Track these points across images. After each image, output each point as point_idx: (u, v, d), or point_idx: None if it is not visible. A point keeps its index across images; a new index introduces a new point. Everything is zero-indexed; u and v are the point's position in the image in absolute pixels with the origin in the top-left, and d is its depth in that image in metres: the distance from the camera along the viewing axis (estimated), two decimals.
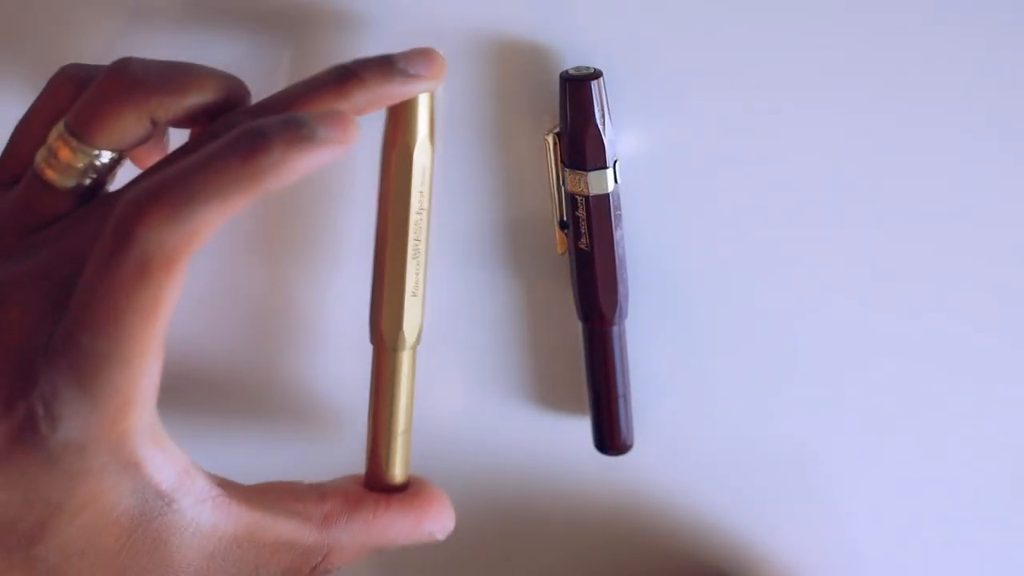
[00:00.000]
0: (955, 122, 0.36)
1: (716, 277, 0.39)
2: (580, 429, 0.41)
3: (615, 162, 0.36)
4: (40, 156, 0.34)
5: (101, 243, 0.31)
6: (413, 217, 0.35)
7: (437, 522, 0.37)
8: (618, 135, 0.37)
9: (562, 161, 0.36)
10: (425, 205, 0.35)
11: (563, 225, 0.38)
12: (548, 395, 0.41)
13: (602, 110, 0.35)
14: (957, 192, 0.37)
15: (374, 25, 0.36)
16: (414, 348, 0.36)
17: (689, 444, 0.42)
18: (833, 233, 0.38)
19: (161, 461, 0.31)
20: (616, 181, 0.36)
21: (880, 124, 0.37)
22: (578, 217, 0.36)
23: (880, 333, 0.39)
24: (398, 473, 0.37)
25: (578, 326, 0.39)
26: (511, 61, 0.36)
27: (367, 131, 0.36)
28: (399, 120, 0.34)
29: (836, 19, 0.35)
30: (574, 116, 0.35)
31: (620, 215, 0.37)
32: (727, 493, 0.42)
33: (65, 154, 0.33)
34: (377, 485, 0.37)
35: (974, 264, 0.38)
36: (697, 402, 0.41)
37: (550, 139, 0.36)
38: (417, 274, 0.35)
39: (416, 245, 0.35)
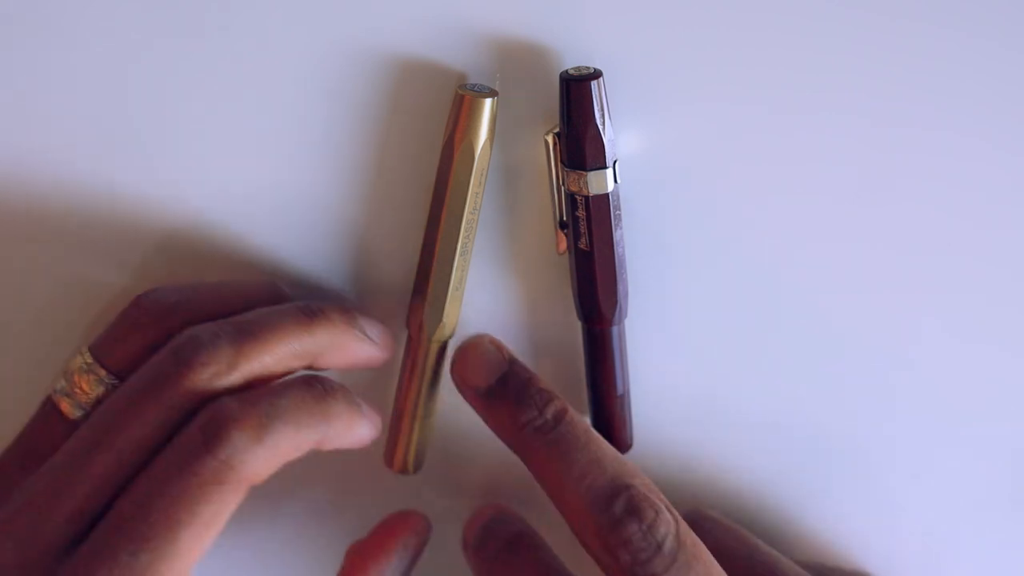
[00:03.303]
0: (959, 126, 0.36)
1: (716, 277, 0.39)
2: None
3: (615, 162, 0.36)
4: (59, 387, 0.34)
5: (178, 447, 0.31)
6: (467, 216, 0.36)
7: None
8: (618, 135, 0.37)
9: (562, 161, 0.36)
10: (478, 206, 0.36)
11: (563, 225, 0.38)
12: None
13: (602, 110, 0.35)
14: (962, 190, 0.37)
15: (374, 25, 0.36)
16: (448, 341, 0.38)
17: (689, 444, 0.42)
18: (834, 231, 0.38)
19: None
20: (616, 181, 0.36)
21: (881, 121, 0.37)
22: (578, 217, 0.36)
23: (883, 329, 0.39)
24: (415, 455, 0.40)
25: (578, 326, 0.39)
26: (511, 61, 0.36)
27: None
28: (464, 121, 0.35)
29: (838, 19, 0.35)
30: (574, 116, 0.35)
31: (620, 215, 0.37)
32: (727, 493, 0.42)
33: (87, 383, 0.34)
34: (393, 463, 0.40)
35: (977, 262, 0.38)
36: (697, 402, 0.41)
37: (550, 139, 0.36)
38: (462, 271, 0.37)
39: (465, 243, 0.37)
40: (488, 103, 0.35)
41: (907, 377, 0.40)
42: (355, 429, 0.35)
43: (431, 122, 0.37)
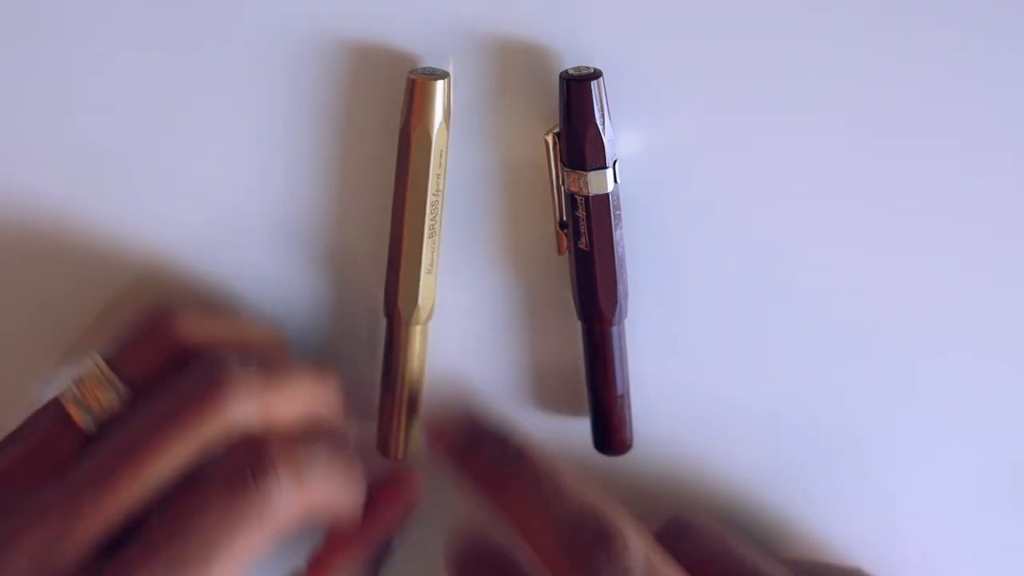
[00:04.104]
0: (960, 125, 0.36)
1: (716, 276, 0.39)
2: (580, 429, 0.41)
3: (615, 162, 0.36)
4: (69, 392, 0.34)
5: (224, 475, 0.31)
6: (430, 198, 0.36)
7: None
8: (618, 135, 0.37)
9: (562, 161, 0.36)
10: (441, 187, 0.37)
11: (563, 225, 0.38)
12: (548, 395, 0.41)
13: (602, 110, 0.35)
14: (963, 189, 0.37)
15: (375, 25, 0.36)
16: (427, 323, 0.38)
17: (689, 443, 0.42)
18: (834, 230, 0.38)
19: None
20: (616, 181, 0.36)
21: (882, 122, 0.37)
22: (578, 217, 0.36)
23: (884, 329, 0.39)
24: (406, 440, 0.40)
25: (578, 326, 0.39)
26: (511, 61, 0.36)
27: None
28: (418, 105, 0.35)
29: (838, 20, 0.35)
30: (574, 116, 0.35)
31: (620, 215, 0.37)
32: (727, 492, 0.42)
33: (101, 391, 0.34)
34: (387, 451, 0.40)
35: (977, 262, 0.38)
36: (697, 401, 0.41)
37: (550, 139, 0.36)
38: (432, 252, 0.37)
39: (432, 225, 0.37)
40: (439, 85, 0.35)
41: (907, 376, 0.40)
42: (355, 501, 0.36)
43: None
